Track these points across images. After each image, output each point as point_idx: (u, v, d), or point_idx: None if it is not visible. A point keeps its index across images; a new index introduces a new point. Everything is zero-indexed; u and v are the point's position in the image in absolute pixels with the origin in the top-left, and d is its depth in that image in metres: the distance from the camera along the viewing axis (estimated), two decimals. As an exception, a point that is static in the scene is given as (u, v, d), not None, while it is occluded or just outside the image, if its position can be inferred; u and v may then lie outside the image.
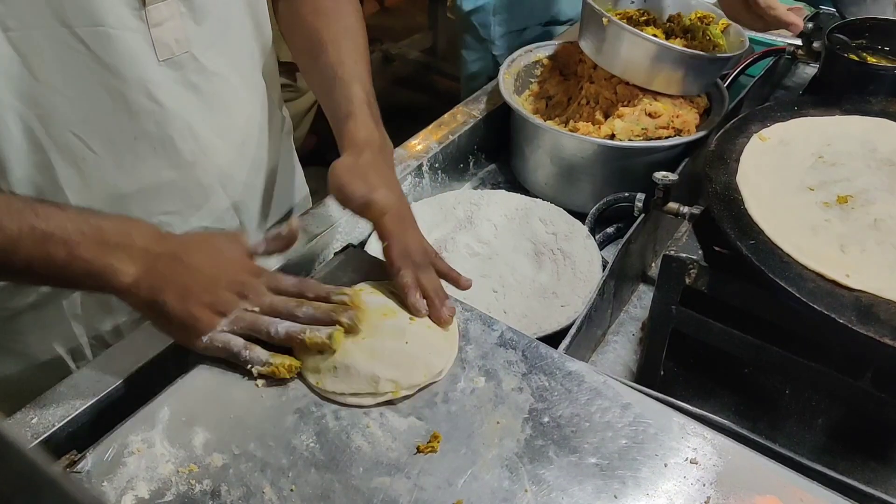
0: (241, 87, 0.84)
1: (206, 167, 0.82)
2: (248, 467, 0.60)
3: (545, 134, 1.02)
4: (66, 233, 0.60)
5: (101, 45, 0.68)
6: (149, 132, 0.75)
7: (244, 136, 0.87)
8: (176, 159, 0.79)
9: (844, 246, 0.70)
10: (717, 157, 0.82)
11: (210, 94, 0.79)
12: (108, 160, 0.75)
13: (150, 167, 0.78)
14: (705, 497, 0.59)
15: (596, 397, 0.66)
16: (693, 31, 1.08)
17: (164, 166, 0.79)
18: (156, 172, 0.78)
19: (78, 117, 0.71)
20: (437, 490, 0.59)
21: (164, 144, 0.77)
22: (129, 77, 0.71)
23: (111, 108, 0.72)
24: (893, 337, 0.60)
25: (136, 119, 0.74)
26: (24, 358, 0.84)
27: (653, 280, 0.95)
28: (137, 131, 0.75)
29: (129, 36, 0.70)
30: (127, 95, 0.72)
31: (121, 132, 0.74)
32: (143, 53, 0.71)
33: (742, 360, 0.77)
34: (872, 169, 0.80)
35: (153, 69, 0.72)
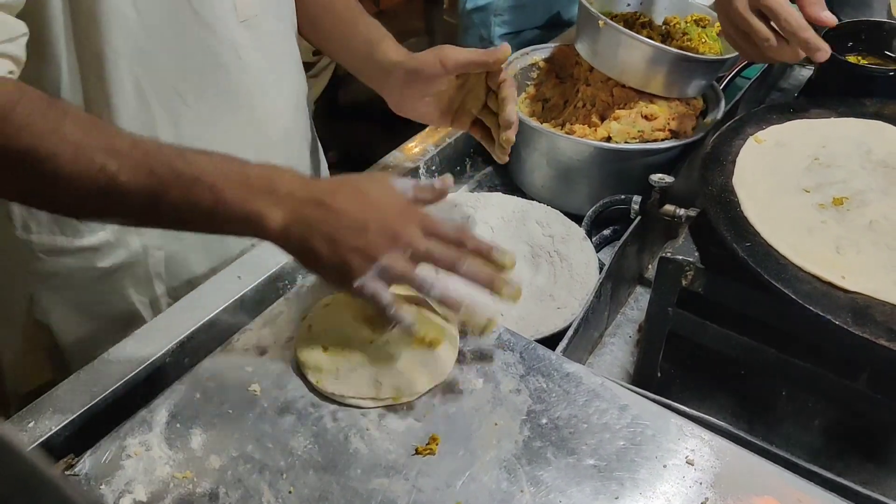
0: (292, 52, 0.91)
1: (275, 125, 0.89)
2: (247, 469, 0.60)
3: (541, 136, 1.02)
4: (211, 178, 0.60)
5: (202, 3, 0.74)
6: (234, 88, 0.81)
7: (296, 100, 0.93)
8: (252, 115, 0.85)
9: (840, 247, 0.70)
10: (713, 159, 0.82)
11: (275, 56, 0.86)
12: (198, 115, 0.80)
13: (231, 122, 0.83)
14: (703, 498, 0.59)
15: (594, 399, 0.66)
16: (689, 33, 1.09)
17: (244, 122, 0.84)
18: (235, 128, 0.84)
19: (178, 74, 0.77)
20: (436, 492, 0.59)
21: (245, 100, 0.83)
22: (220, 34, 0.77)
23: (203, 64, 0.78)
24: (889, 338, 0.61)
25: (225, 75, 0.80)
26: (105, 318, 0.87)
27: (649, 282, 0.95)
28: (225, 87, 0.81)
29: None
30: (219, 51, 0.78)
31: (210, 88, 0.79)
32: (229, 13, 0.78)
33: (738, 361, 0.78)
34: (868, 171, 0.80)
35: (236, 28, 0.79)
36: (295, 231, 0.62)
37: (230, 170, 0.62)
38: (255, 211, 0.61)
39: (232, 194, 0.60)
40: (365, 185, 0.66)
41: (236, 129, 0.84)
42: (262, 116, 0.86)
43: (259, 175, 0.62)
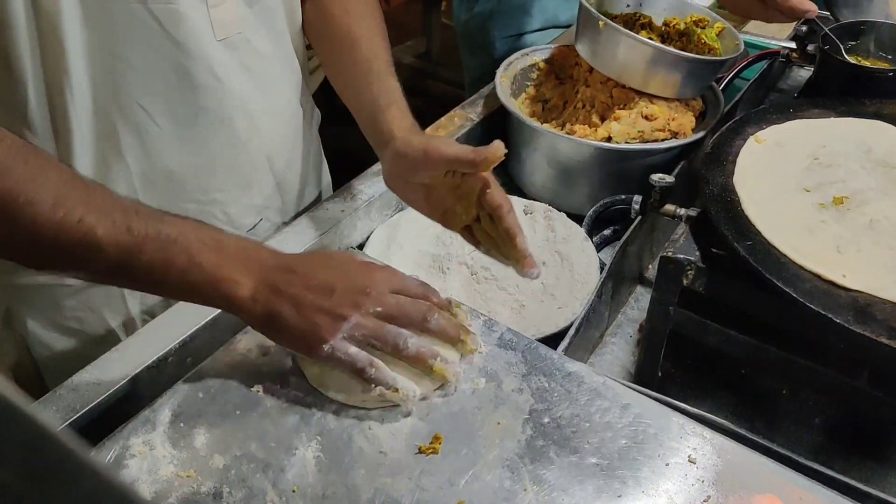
0: (284, 71, 0.88)
1: (257, 146, 0.86)
2: (250, 468, 0.60)
3: (542, 137, 1.02)
4: (188, 240, 0.61)
5: (173, 22, 0.72)
6: (210, 108, 0.78)
7: (287, 118, 0.91)
8: (232, 136, 0.82)
9: (841, 246, 0.70)
10: (713, 159, 0.82)
11: (260, 75, 0.83)
12: (170, 134, 0.78)
13: (208, 143, 0.81)
14: (705, 496, 0.59)
15: (596, 398, 0.66)
16: (688, 34, 1.09)
17: (222, 143, 0.82)
18: (213, 149, 0.81)
19: (145, 90, 0.74)
20: (439, 490, 0.59)
21: (222, 121, 0.80)
22: (194, 53, 0.74)
23: (176, 83, 0.75)
24: (890, 336, 0.61)
25: (199, 95, 0.77)
26: (79, 334, 0.86)
27: (650, 282, 0.95)
28: (199, 107, 0.78)
29: (194, 14, 0.73)
30: (192, 71, 0.75)
31: (184, 107, 0.77)
32: (205, 32, 0.75)
33: (739, 360, 0.78)
34: (867, 170, 0.81)
35: (213, 47, 0.76)
36: (262, 296, 0.62)
37: (206, 235, 0.63)
38: (226, 276, 0.62)
39: (206, 259, 0.61)
40: (330, 254, 0.70)
41: (214, 149, 0.82)
42: (243, 136, 0.83)
43: (234, 244, 0.64)
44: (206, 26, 0.75)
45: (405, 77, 3.15)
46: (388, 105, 0.79)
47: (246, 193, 0.87)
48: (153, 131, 0.77)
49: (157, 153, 0.78)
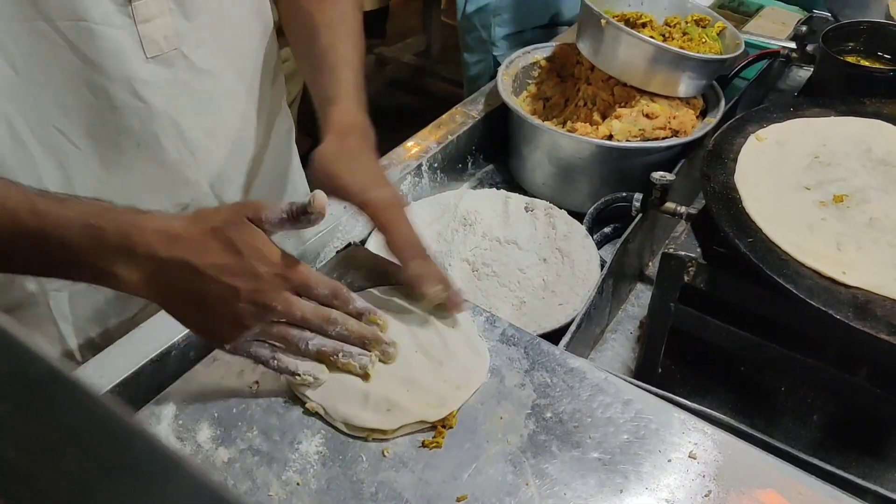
0: (236, 85, 0.83)
1: (193, 166, 0.80)
2: (255, 462, 0.60)
3: (543, 134, 1.02)
4: (63, 234, 0.57)
5: (84, 40, 0.67)
6: (132, 129, 0.74)
7: (237, 136, 0.85)
8: (161, 157, 0.77)
9: (841, 244, 0.71)
10: (715, 157, 0.83)
11: (201, 93, 0.78)
12: (91, 156, 0.73)
13: (134, 164, 0.76)
14: (706, 491, 0.60)
15: (597, 393, 0.67)
16: (689, 33, 1.10)
17: (149, 164, 0.77)
18: (140, 170, 0.77)
19: (59, 112, 0.70)
20: (442, 484, 0.60)
21: (147, 142, 0.75)
22: (112, 73, 0.70)
23: (94, 103, 0.71)
24: (890, 332, 0.61)
25: (120, 115, 0.72)
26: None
27: (650, 279, 0.96)
28: (120, 128, 0.73)
29: (115, 32, 0.68)
30: (110, 92, 0.70)
31: (103, 128, 0.72)
32: (130, 50, 0.70)
33: (740, 356, 0.78)
34: (867, 169, 0.81)
35: (140, 66, 0.71)
36: (155, 292, 0.60)
37: (84, 224, 0.58)
38: (108, 271, 0.58)
39: (85, 252, 0.57)
40: (238, 236, 0.59)
41: (143, 173, 0.77)
42: (176, 160, 0.78)
43: (116, 232, 0.58)
44: (130, 44, 0.70)
45: (404, 75, 3.15)
46: (331, 100, 0.75)
47: (181, 213, 0.80)
48: (73, 154, 0.72)
49: (80, 177, 0.74)
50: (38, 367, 0.23)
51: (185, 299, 0.60)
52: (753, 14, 1.43)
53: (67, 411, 0.22)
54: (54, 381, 0.22)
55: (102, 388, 0.67)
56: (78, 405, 0.22)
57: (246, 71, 0.84)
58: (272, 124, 0.92)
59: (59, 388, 0.22)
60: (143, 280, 0.58)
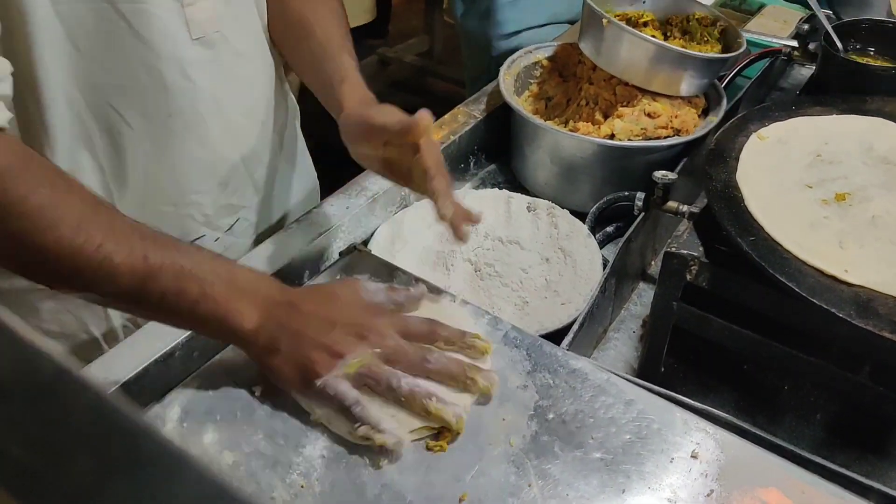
0: (261, 67, 0.87)
1: (232, 145, 0.85)
2: (259, 465, 0.61)
3: (545, 134, 1.03)
4: (202, 272, 0.62)
5: (141, 21, 0.71)
6: (182, 109, 0.78)
7: (264, 117, 0.90)
8: (206, 136, 0.81)
9: (843, 242, 0.71)
10: (716, 156, 0.83)
11: (237, 74, 0.82)
12: (143, 135, 0.77)
13: (182, 144, 0.80)
14: (709, 490, 0.60)
15: (600, 394, 0.67)
16: (691, 32, 1.10)
17: (195, 143, 0.81)
18: (187, 149, 0.81)
19: (116, 91, 0.74)
20: (445, 485, 0.60)
21: (195, 121, 0.79)
22: (165, 54, 0.74)
23: (148, 83, 0.74)
24: (892, 330, 0.61)
25: (171, 95, 0.76)
26: (60, 339, 0.85)
27: (652, 278, 0.96)
28: (172, 107, 0.77)
29: (166, 14, 0.72)
30: (163, 72, 0.74)
31: (156, 108, 0.76)
32: (178, 31, 0.74)
33: (742, 355, 0.78)
34: (869, 167, 0.81)
35: (187, 47, 0.75)
36: (264, 331, 0.63)
37: (220, 268, 0.64)
38: (235, 308, 0.63)
39: (218, 290, 0.62)
40: (336, 289, 0.69)
41: (188, 151, 0.81)
42: (217, 137, 0.83)
43: (244, 276, 0.65)
44: (179, 26, 0.74)
45: (406, 75, 3.15)
46: (340, 81, 0.79)
47: (223, 194, 0.87)
48: (126, 133, 0.76)
49: (132, 155, 0.78)
50: (45, 366, 0.23)
51: (285, 334, 0.63)
52: (755, 13, 1.43)
53: (74, 409, 0.22)
54: (61, 379, 0.22)
55: (107, 388, 0.67)
56: (85, 403, 0.22)
57: (266, 56, 0.88)
58: (284, 108, 0.96)
59: (66, 386, 0.22)
60: (257, 319, 0.63)
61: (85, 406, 0.22)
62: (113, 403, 0.22)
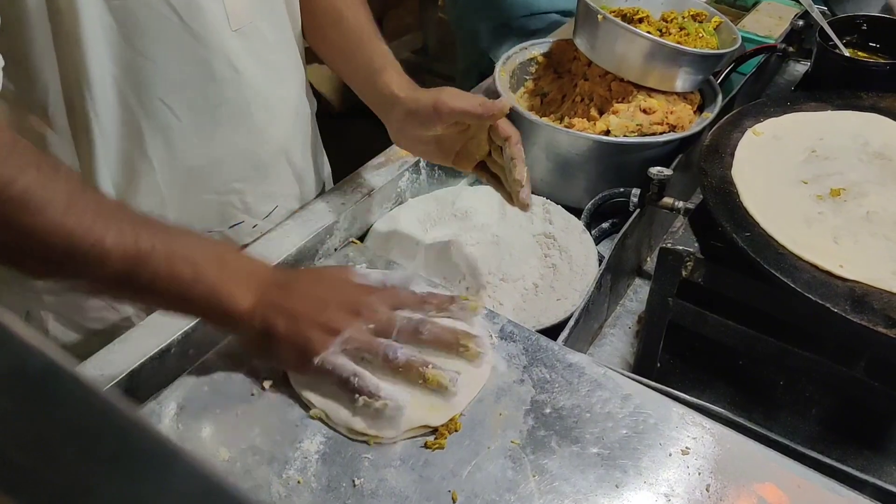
0: (291, 58, 0.88)
1: (273, 135, 0.86)
2: (255, 461, 0.61)
3: (541, 130, 1.02)
4: (194, 254, 0.62)
5: (191, 14, 0.72)
6: (229, 100, 0.79)
7: (297, 107, 0.91)
8: (250, 127, 0.83)
9: (838, 237, 0.71)
10: (712, 151, 0.83)
11: (271, 64, 0.83)
12: (191, 128, 0.78)
13: (227, 135, 0.81)
14: (705, 485, 0.60)
15: (596, 389, 0.67)
16: (686, 28, 1.10)
17: (240, 134, 0.82)
18: (232, 140, 0.82)
19: (166, 85, 0.74)
20: (442, 481, 0.60)
21: (241, 112, 0.81)
22: (213, 45, 0.75)
23: (197, 76, 0.75)
24: (887, 325, 0.62)
25: (219, 87, 0.77)
26: (101, 333, 0.85)
27: (648, 274, 0.96)
28: (219, 99, 0.78)
29: (212, 5, 0.73)
30: (212, 63, 0.75)
31: (203, 100, 0.77)
32: (222, 22, 0.75)
33: (738, 350, 0.79)
34: (864, 162, 0.81)
35: (230, 38, 0.76)
36: (259, 313, 0.64)
37: (210, 251, 0.64)
38: (228, 291, 0.63)
39: (210, 273, 0.62)
40: (327, 270, 0.72)
41: (233, 141, 0.82)
42: (260, 126, 0.84)
43: (235, 260, 0.67)
44: (221, 17, 0.75)
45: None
46: (383, 67, 0.82)
47: (263, 182, 0.88)
48: (175, 126, 0.77)
49: (180, 148, 0.78)
50: (36, 361, 0.23)
51: (280, 315, 0.64)
52: (750, 9, 1.43)
53: (66, 405, 0.22)
54: (52, 375, 0.22)
55: (102, 385, 0.67)
56: (77, 398, 0.22)
57: (294, 49, 0.89)
58: (309, 99, 0.97)
59: (58, 382, 0.22)
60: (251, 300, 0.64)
61: (77, 401, 0.22)
62: (106, 398, 0.22)
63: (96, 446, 0.21)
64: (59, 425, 0.21)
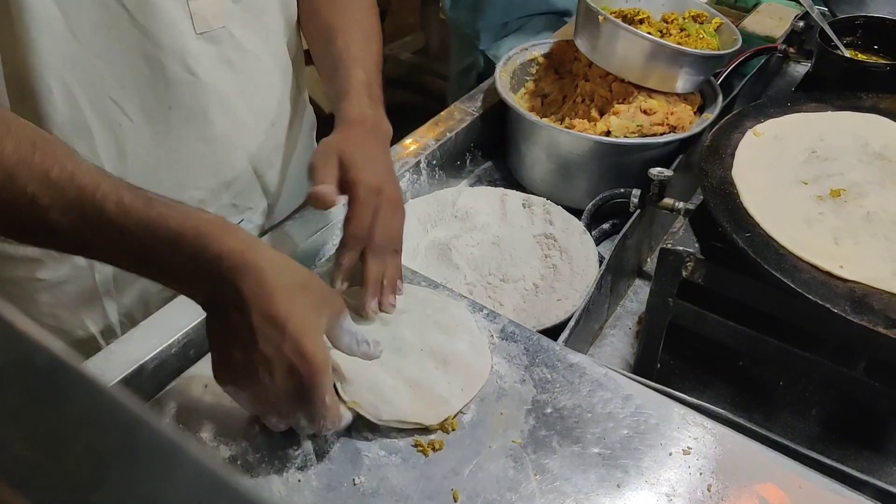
0: (273, 69, 0.86)
1: (237, 144, 0.84)
2: (256, 459, 0.61)
3: (542, 131, 1.03)
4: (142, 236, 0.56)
5: (143, 11, 0.70)
6: (183, 102, 0.77)
7: (274, 119, 0.88)
8: (209, 132, 0.80)
9: (838, 238, 0.71)
10: (712, 152, 0.83)
11: (244, 72, 0.81)
12: (143, 129, 0.76)
13: (183, 138, 0.79)
14: (706, 485, 0.60)
15: (597, 389, 0.67)
16: (687, 29, 1.10)
17: (197, 139, 0.80)
18: (188, 145, 0.80)
19: (116, 83, 0.73)
20: (443, 480, 0.60)
21: (196, 116, 0.78)
22: (167, 46, 0.73)
23: (148, 75, 0.73)
24: (887, 326, 0.62)
25: (172, 88, 0.75)
26: (58, 334, 0.84)
27: (648, 275, 0.96)
28: (172, 101, 0.76)
29: (170, 5, 0.71)
30: (164, 63, 0.73)
31: (156, 101, 0.75)
32: (182, 24, 0.73)
33: (738, 351, 0.79)
34: (864, 163, 0.82)
35: (190, 41, 0.74)
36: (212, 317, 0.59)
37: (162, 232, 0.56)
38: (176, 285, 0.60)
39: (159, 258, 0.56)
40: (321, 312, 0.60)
41: (189, 146, 0.79)
42: (222, 135, 0.81)
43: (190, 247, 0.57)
44: (183, 18, 0.73)
45: (402, 72, 3.14)
46: (342, 95, 0.79)
47: (225, 192, 0.85)
48: (126, 126, 0.75)
49: (132, 149, 0.77)
50: (41, 356, 0.23)
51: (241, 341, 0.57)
52: (751, 10, 1.43)
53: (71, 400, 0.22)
54: (57, 370, 0.22)
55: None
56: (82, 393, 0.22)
57: (280, 57, 0.87)
58: (300, 114, 0.95)
59: (63, 377, 0.22)
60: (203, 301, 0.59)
61: (82, 396, 0.22)
62: (110, 393, 0.22)
63: (101, 440, 0.21)
64: (63, 420, 0.22)
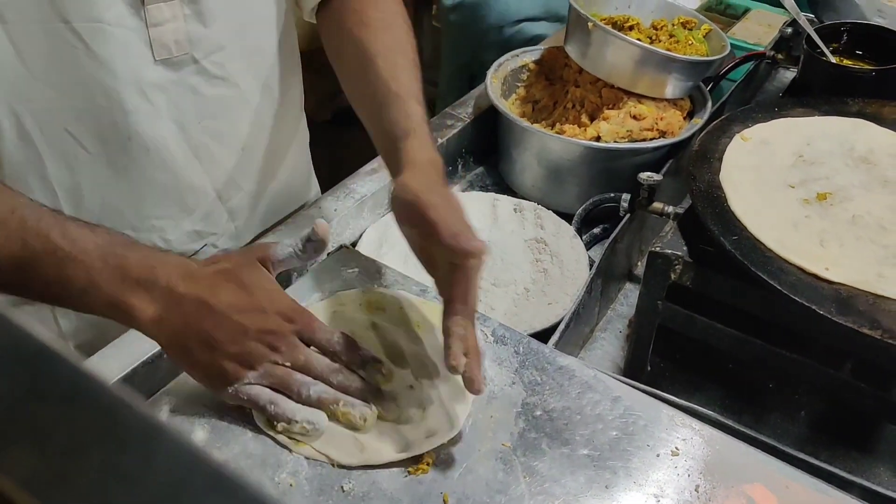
0: (252, 91, 0.82)
1: (199, 171, 0.81)
2: (248, 464, 0.61)
3: (532, 136, 1.03)
4: (88, 258, 0.58)
5: (98, 41, 0.67)
6: (141, 133, 0.74)
7: (247, 142, 0.84)
8: (168, 162, 0.77)
9: (824, 241, 0.72)
10: (700, 157, 0.84)
11: (210, 98, 0.78)
12: (100, 159, 0.74)
13: (142, 169, 0.76)
14: (694, 486, 0.61)
15: (587, 391, 0.67)
16: (676, 35, 1.11)
17: (157, 169, 0.77)
18: (148, 175, 0.77)
19: (72, 115, 0.70)
20: (433, 483, 0.60)
21: (155, 146, 0.75)
22: (121, 75, 0.70)
23: (105, 106, 0.71)
24: (872, 327, 0.62)
25: (129, 119, 0.72)
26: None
27: (639, 279, 0.97)
28: (130, 131, 0.73)
29: (126, 33, 0.69)
30: (121, 94, 0.71)
31: (114, 132, 0.73)
32: (138, 51, 0.70)
33: (727, 353, 0.79)
34: (850, 167, 0.83)
35: (147, 68, 0.71)
36: (167, 326, 0.60)
37: (110, 252, 0.59)
38: (125, 301, 0.59)
39: (106, 279, 0.58)
40: (248, 277, 0.63)
41: (149, 176, 0.77)
42: (183, 162, 0.78)
43: (140, 263, 0.60)
44: (141, 46, 0.70)
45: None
46: (405, 134, 0.71)
47: (186, 219, 0.82)
48: (83, 158, 0.73)
49: (89, 181, 0.74)
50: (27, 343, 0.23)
51: (194, 337, 0.60)
52: (740, 17, 1.44)
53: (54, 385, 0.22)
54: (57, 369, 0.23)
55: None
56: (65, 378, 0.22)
57: (263, 77, 0.83)
58: (287, 132, 0.92)
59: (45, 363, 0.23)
60: (156, 314, 0.60)
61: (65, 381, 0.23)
62: (94, 377, 0.23)
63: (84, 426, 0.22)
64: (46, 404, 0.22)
